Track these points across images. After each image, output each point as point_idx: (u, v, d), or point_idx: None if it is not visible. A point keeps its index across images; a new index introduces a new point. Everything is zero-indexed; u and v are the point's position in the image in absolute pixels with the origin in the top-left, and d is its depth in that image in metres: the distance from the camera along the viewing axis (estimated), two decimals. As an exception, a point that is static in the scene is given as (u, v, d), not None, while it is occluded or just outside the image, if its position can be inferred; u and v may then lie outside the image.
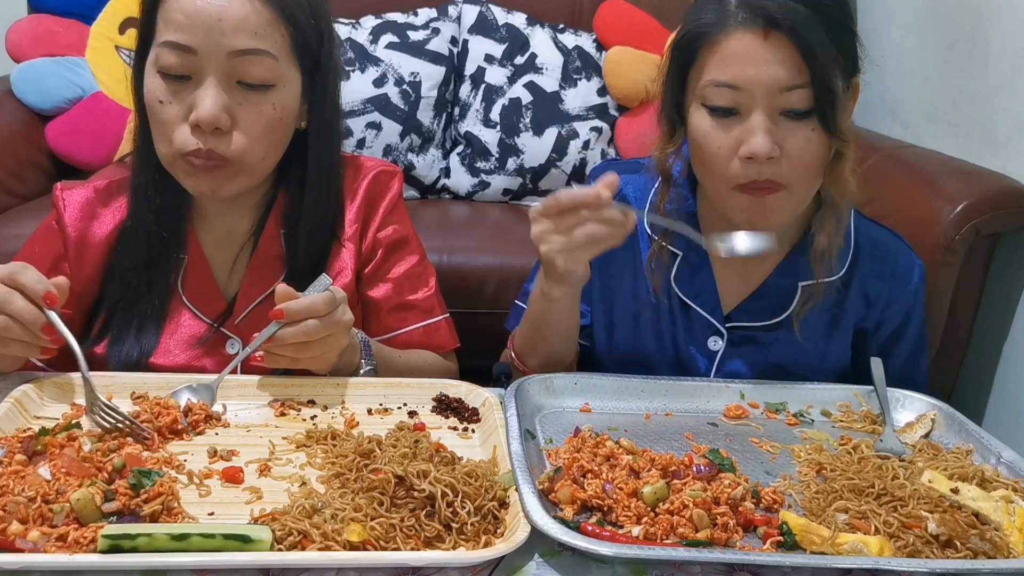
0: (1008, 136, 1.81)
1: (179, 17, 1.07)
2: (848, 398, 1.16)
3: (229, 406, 1.04)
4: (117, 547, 0.74)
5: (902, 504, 0.88)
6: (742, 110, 1.09)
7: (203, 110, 1.07)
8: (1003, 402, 1.80)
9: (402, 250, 1.30)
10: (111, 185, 1.24)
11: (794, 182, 1.10)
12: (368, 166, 1.30)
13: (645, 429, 1.07)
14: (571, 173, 2.36)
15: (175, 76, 1.09)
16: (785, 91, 1.07)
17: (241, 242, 1.22)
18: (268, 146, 1.14)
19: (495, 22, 2.44)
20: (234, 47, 1.07)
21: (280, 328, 1.03)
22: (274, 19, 1.10)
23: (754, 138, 1.07)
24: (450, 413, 1.07)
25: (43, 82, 2.25)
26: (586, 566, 0.81)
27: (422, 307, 1.29)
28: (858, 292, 1.24)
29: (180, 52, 1.07)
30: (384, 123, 2.31)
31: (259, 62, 1.09)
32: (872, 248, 1.25)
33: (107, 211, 1.22)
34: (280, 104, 1.12)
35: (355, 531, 0.78)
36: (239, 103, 1.09)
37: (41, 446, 0.89)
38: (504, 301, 1.98)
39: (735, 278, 1.25)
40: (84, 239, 1.21)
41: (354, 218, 1.26)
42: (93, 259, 1.20)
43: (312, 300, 1.03)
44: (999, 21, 1.85)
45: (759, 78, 1.06)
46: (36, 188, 2.22)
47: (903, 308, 1.26)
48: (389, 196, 1.29)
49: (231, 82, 1.09)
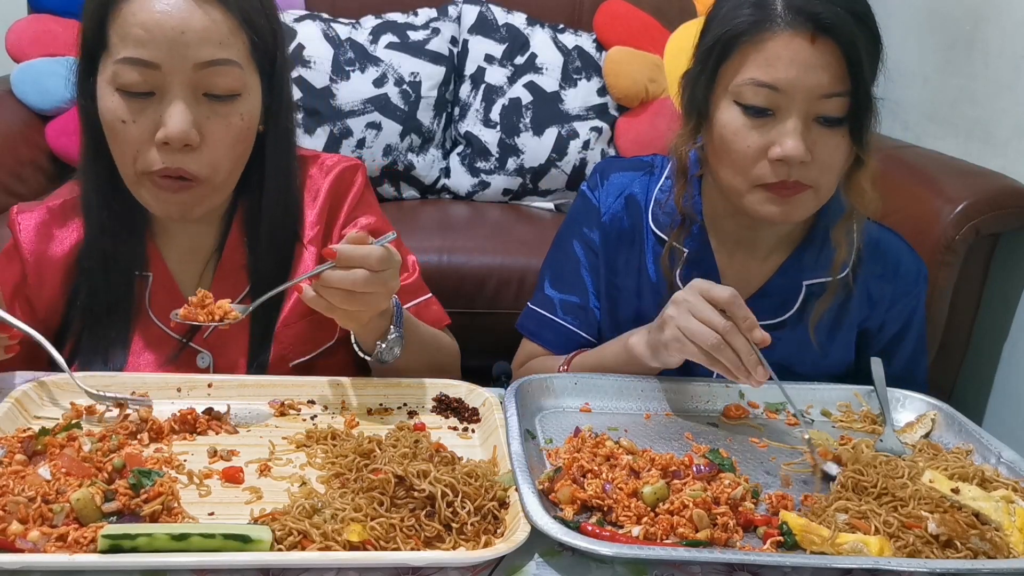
0: (1008, 136, 1.81)
1: (138, 31, 1.02)
2: (848, 398, 1.16)
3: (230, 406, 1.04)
4: (117, 547, 0.74)
5: (902, 504, 0.88)
6: (777, 112, 1.09)
7: (172, 127, 1.03)
8: (1003, 402, 1.80)
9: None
10: (66, 204, 1.19)
11: (820, 184, 1.11)
12: (329, 164, 1.26)
13: (645, 429, 1.07)
14: (571, 173, 2.36)
15: (137, 93, 1.04)
16: (824, 98, 1.07)
17: (206, 255, 1.19)
18: (236, 158, 1.11)
19: (495, 22, 2.44)
20: (199, 59, 1.03)
21: (329, 268, 0.99)
22: (236, 27, 1.06)
23: (788, 141, 1.07)
24: (450, 413, 1.07)
25: (43, 82, 2.25)
26: (586, 566, 0.81)
27: (408, 289, 1.26)
28: (862, 292, 1.24)
29: (142, 68, 1.03)
30: (384, 123, 2.31)
31: (226, 72, 1.06)
32: (875, 249, 1.25)
33: (63, 231, 1.18)
34: (247, 113, 1.09)
35: (355, 531, 0.78)
36: (207, 116, 1.06)
37: (41, 446, 0.89)
38: (504, 301, 1.99)
39: (739, 278, 1.25)
40: (42, 262, 1.17)
41: (316, 219, 1.22)
42: (52, 281, 1.17)
43: (367, 251, 0.99)
44: (999, 21, 1.85)
45: (802, 82, 1.06)
46: (36, 188, 2.22)
47: (906, 309, 1.26)
48: (353, 192, 1.26)
49: (197, 95, 1.05)
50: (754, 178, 1.11)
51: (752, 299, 1.24)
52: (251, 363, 1.17)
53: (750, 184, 1.12)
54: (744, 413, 1.12)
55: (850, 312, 1.25)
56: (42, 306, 1.17)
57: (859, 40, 1.06)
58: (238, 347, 1.18)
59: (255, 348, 1.18)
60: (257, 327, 1.18)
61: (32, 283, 1.17)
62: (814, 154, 1.08)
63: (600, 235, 1.28)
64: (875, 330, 1.27)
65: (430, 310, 1.29)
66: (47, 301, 1.17)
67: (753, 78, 1.08)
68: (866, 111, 1.08)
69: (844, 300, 1.24)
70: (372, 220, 1.26)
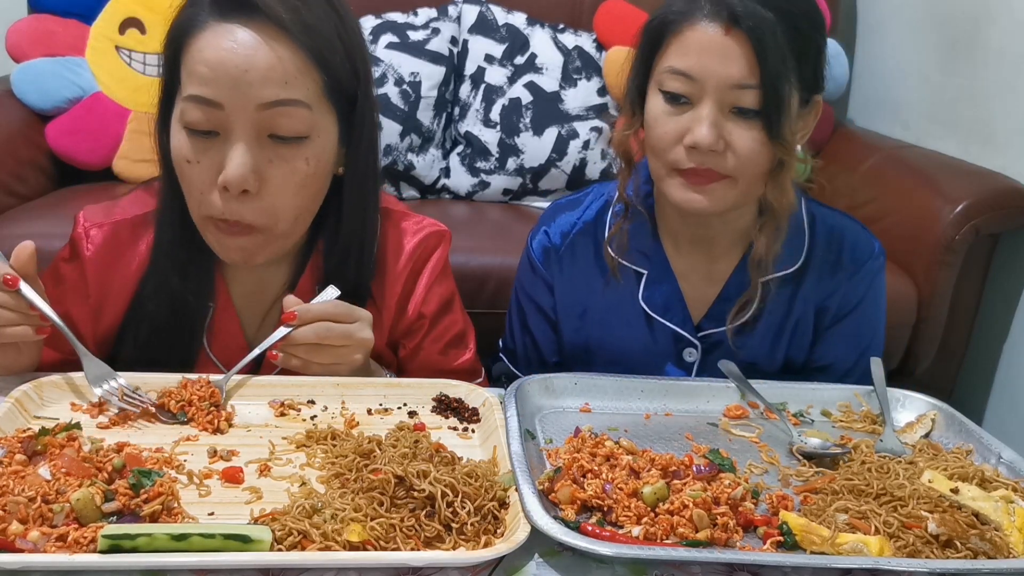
0: (1008, 136, 1.81)
1: (202, 69, 0.99)
2: (848, 398, 1.16)
3: (232, 405, 1.04)
4: (117, 547, 0.74)
5: (902, 504, 0.88)
6: (694, 100, 1.12)
7: (230, 172, 0.99)
8: (1003, 402, 1.80)
9: (446, 314, 1.24)
10: (136, 221, 1.16)
11: (739, 176, 1.13)
12: (413, 228, 1.23)
13: (645, 429, 1.07)
14: (571, 173, 2.36)
15: (202, 132, 1.01)
16: (737, 88, 1.09)
17: (274, 295, 1.16)
18: (301, 204, 1.07)
19: (495, 22, 2.44)
20: (263, 99, 0.99)
21: (292, 331, 1.02)
22: (304, 65, 1.01)
23: (699, 128, 1.10)
24: (450, 413, 1.07)
25: (43, 82, 2.25)
26: (586, 566, 0.81)
27: (460, 371, 1.23)
28: (814, 280, 1.26)
29: (205, 106, 0.99)
30: (384, 123, 2.30)
31: (291, 113, 1.00)
32: (828, 237, 1.26)
33: (130, 252, 1.15)
34: (315, 157, 1.04)
35: (355, 531, 0.78)
36: (269, 160, 1.01)
37: (41, 446, 0.89)
38: (504, 301, 1.97)
39: (700, 283, 1.27)
40: (105, 284, 1.14)
41: (395, 281, 1.19)
42: (113, 304, 1.14)
43: (324, 306, 1.01)
44: (999, 21, 1.85)
45: (713, 71, 1.09)
46: (36, 188, 2.22)
47: (859, 291, 1.27)
48: (437, 258, 1.23)
49: (261, 136, 1.01)
50: (671, 163, 1.15)
51: (715, 305, 1.27)
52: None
53: (668, 169, 1.16)
54: (744, 413, 1.12)
55: (806, 301, 1.26)
56: (102, 327, 1.15)
57: (771, 34, 1.07)
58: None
59: None
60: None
61: (93, 303, 1.14)
62: (731, 143, 1.11)
63: (552, 294, 1.33)
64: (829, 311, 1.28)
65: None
66: (107, 323, 1.15)
67: (671, 66, 1.12)
68: (776, 106, 1.09)
69: (790, 295, 1.25)
70: (449, 291, 1.25)
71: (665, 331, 1.27)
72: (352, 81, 1.07)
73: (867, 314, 1.28)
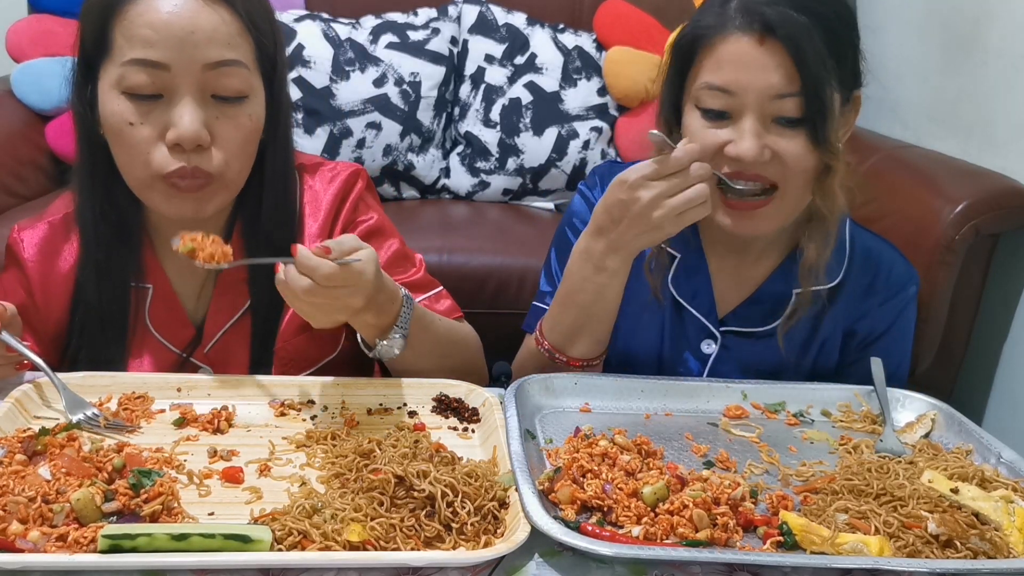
0: (1008, 136, 1.81)
1: (146, 32, 1.01)
2: (848, 398, 1.16)
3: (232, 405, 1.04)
4: (117, 547, 0.74)
5: (902, 504, 0.88)
6: (734, 114, 1.09)
7: (184, 128, 1.02)
8: (1003, 402, 1.80)
9: (378, 238, 1.23)
10: (68, 217, 1.18)
11: (786, 185, 1.10)
12: (330, 174, 1.24)
13: (645, 429, 1.07)
14: (571, 173, 2.36)
15: (144, 96, 1.03)
16: (777, 98, 1.07)
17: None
18: (245, 159, 1.11)
19: (495, 22, 2.44)
20: (209, 59, 1.03)
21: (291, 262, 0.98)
22: (242, 28, 1.06)
23: (743, 141, 1.08)
24: (450, 413, 1.07)
25: (43, 82, 2.25)
26: (586, 566, 0.81)
27: (416, 285, 1.24)
28: (847, 301, 1.23)
29: (151, 69, 1.02)
30: (384, 123, 2.31)
31: (234, 73, 1.05)
32: (865, 258, 1.24)
33: (67, 246, 1.17)
34: (254, 115, 1.09)
35: (355, 531, 0.78)
36: (216, 117, 1.06)
37: (41, 446, 0.89)
38: (504, 301, 1.99)
39: (732, 282, 1.25)
40: (47, 279, 1.16)
41: (319, 231, 1.21)
42: (59, 298, 1.16)
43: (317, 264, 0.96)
44: (999, 21, 1.85)
45: (752, 83, 1.06)
46: (36, 188, 2.22)
47: (891, 313, 1.25)
48: (351, 197, 1.24)
49: (205, 96, 1.05)
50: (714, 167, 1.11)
51: (743, 306, 1.24)
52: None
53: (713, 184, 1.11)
54: (744, 413, 1.12)
55: (836, 320, 1.23)
56: (51, 324, 1.16)
57: (808, 39, 1.05)
58: (238, 362, 1.17)
59: (255, 364, 1.17)
60: (257, 343, 1.18)
61: (39, 302, 1.16)
62: (777, 153, 1.08)
63: None
64: (857, 334, 1.26)
65: (441, 303, 1.28)
66: (56, 318, 1.16)
67: (707, 82, 1.09)
68: (820, 112, 1.07)
69: (827, 310, 1.22)
70: (372, 218, 1.25)
71: (689, 317, 1.25)
72: (273, 46, 1.12)
73: (896, 341, 1.26)
